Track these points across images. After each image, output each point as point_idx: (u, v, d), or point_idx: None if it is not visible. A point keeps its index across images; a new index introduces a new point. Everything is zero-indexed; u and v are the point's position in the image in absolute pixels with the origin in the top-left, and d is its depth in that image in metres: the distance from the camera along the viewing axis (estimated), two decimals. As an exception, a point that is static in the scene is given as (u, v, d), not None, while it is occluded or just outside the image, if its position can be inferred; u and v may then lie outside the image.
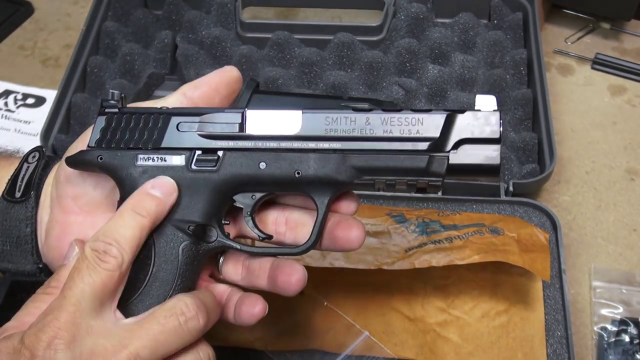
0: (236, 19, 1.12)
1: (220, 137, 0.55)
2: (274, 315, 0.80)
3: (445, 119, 0.54)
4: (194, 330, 0.51)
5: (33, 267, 0.59)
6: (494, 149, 0.54)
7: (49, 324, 0.48)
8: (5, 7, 1.23)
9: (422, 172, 0.54)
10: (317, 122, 0.55)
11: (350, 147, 0.55)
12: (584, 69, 1.12)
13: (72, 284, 0.49)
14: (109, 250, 0.50)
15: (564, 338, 0.79)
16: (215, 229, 0.56)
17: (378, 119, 0.55)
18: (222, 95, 0.58)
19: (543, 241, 0.80)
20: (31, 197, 0.59)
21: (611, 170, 0.99)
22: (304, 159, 0.55)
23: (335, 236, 0.57)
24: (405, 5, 1.10)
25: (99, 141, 0.56)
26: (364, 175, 0.55)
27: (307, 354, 0.79)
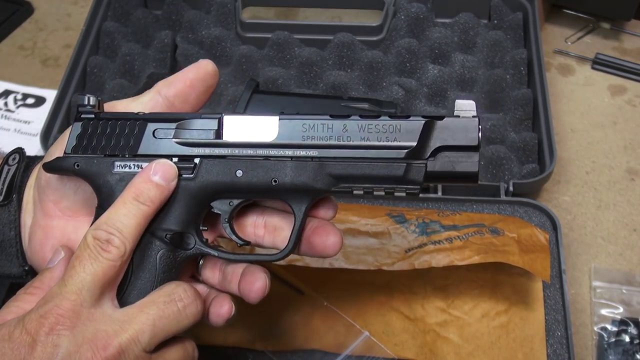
0: (236, 19, 1.12)
1: (197, 144, 0.55)
2: (274, 315, 0.81)
3: (423, 126, 0.53)
4: (192, 316, 0.53)
5: (19, 270, 0.59)
6: (472, 156, 0.53)
7: (51, 311, 0.48)
8: (5, 7, 1.23)
9: (400, 180, 0.54)
10: (294, 129, 0.54)
11: (327, 154, 0.54)
12: (584, 69, 1.12)
13: (73, 273, 0.50)
14: (112, 239, 0.51)
15: (564, 338, 0.79)
16: (192, 236, 0.56)
17: (355, 126, 0.54)
18: (199, 92, 0.58)
19: (543, 241, 0.80)
20: (13, 201, 0.59)
21: (611, 170, 0.99)
22: (280, 167, 0.54)
23: (312, 242, 0.57)
24: (405, 5, 1.10)
25: (75, 148, 0.56)
26: (341, 183, 0.54)
27: (307, 354, 0.79)
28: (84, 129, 0.56)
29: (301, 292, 0.82)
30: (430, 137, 0.53)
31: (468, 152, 0.53)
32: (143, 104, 0.57)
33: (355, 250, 0.79)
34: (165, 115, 0.56)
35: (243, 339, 0.79)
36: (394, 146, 0.53)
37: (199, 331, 0.80)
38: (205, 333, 0.80)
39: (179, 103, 0.57)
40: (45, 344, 0.47)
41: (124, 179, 0.55)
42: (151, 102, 0.57)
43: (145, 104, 0.57)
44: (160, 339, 0.51)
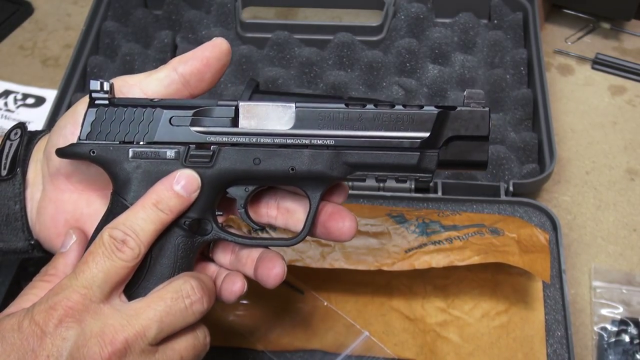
0: (236, 19, 1.12)
1: (214, 132, 0.55)
2: (274, 315, 0.81)
3: (436, 117, 0.55)
4: (198, 313, 0.53)
5: (25, 244, 0.59)
6: (484, 147, 0.55)
7: (60, 303, 0.49)
8: (5, 7, 1.23)
9: (413, 168, 0.55)
10: (310, 117, 0.55)
11: (343, 143, 0.55)
12: (584, 69, 1.12)
13: (85, 268, 0.50)
14: (127, 241, 0.51)
15: (564, 338, 0.79)
16: (210, 222, 0.57)
17: (371, 115, 0.55)
18: (214, 70, 0.58)
19: (543, 242, 0.80)
20: (17, 174, 0.58)
21: (611, 170, 0.99)
22: (297, 155, 0.55)
23: (328, 227, 0.58)
24: (405, 5, 1.10)
25: (90, 134, 0.56)
26: (356, 170, 0.56)
27: (307, 354, 0.79)
28: (99, 115, 0.56)
29: (301, 292, 0.82)
30: (443, 127, 0.55)
31: (479, 141, 0.55)
32: (158, 81, 0.57)
33: (355, 251, 0.79)
34: (181, 103, 0.56)
35: (243, 339, 0.79)
36: (408, 136, 0.55)
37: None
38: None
39: (194, 81, 0.57)
40: (54, 336, 0.48)
41: (141, 166, 0.55)
42: (167, 79, 0.57)
43: (161, 81, 0.57)
44: (167, 333, 0.52)
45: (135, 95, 0.57)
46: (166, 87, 0.57)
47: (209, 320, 0.80)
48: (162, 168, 0.55)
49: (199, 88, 0.58)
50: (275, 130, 0.55)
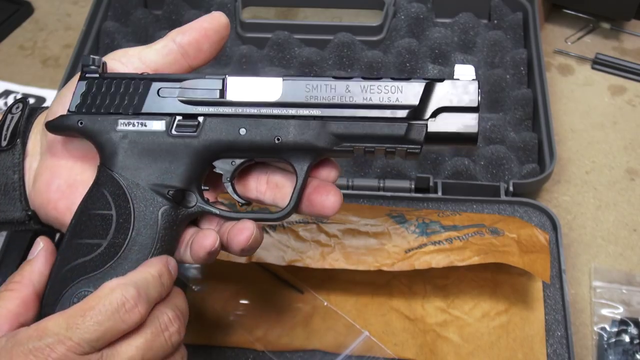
0: (236, 19, 1.12)
1: (201, 102, 0.55)
2: (274, 315, 0.81)
3: (424, 88, 0.54)
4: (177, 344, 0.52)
5: (22, 214, 0.58)
6: (472, 117, 0.54)
7: (42, 350, 0.46)
8: (5, 7, 1.22)
9: (401, 139, 0.55)
10: (297, 89, 0.55)
11: (329, 114, 0.55)
12: (584, 69, 1.12)
13: (80, 322, 0.47)
14: (140, 304, 0.49)
15: (564, 338, 0.79)
16: (194, 194, 0.56)
17: (358, 86, 0.55)
18: (212, 42, 0.58)
19: (543, 242, 0.80)
20: (17, 145, 0.58)
21: (611, 170, 0.99)
22: (283, 126, 0.55)
23: (311, 200, 0.57)
24: (405, 5, 1.10)
25: (80, 106, 0.56)
26: (343, 142, 0.55)
27: (307, 354, 0.79)
28: (89, 87, 0.56)
29: (301, 291, 0.82)
30: (430, 98, 0.54)
31: (468, 113, 0.54)
32: (156, 51, 0.57)
33: (355, 251, 0.79)
34: (170, 76, 0.57)
35: (243, 339, 0.79)
36: (395, 105, 0.54)
37: (199, 331, 0.80)
38: (206, 333, 0.80)
39: (192, 51, 0.57)
40: None
41: (127, 136, 0.55)
42: (164, 49, 0.57)
43: (159, 51, 0.57)
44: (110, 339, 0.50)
45: (134, 64, 0.58)
46: (164, 57, 0.57)
47: (209, 320, 0.80)
48: (149, 138, 0.55)
49: (198, 58, 0.58)
50: (262, 100, 0.55)
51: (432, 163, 0.96)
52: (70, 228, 0.55)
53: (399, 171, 0.94)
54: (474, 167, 0.94)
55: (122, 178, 0.55)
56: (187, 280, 0.83)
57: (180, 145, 0.55)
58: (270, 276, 0.83)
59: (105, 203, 0.54)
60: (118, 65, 0.58)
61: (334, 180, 0.58)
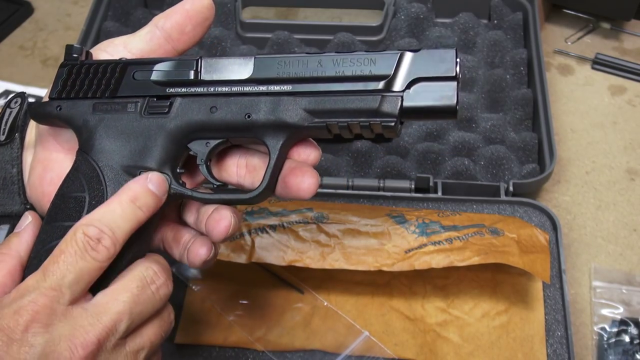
0: (236, 19, 1.12)
1: (173, 83, 0.55)
2: (274, 315, 0.81)
3: (398, 58, 0.52)
4: (165, 297, 0.53)
5: (21, 207, 0.58)
6: (450, 87, 0.51)
7: (26, 307, 0.47)
8: (5, 7, 1.23)
9: (375, 112, 0.52)
10: (269, 66, 0.54)
11: (301, 89, 0.54)
12: (584, 69, 1.12)
13: (55, 268, 0.48)
14: (103, 239, 0.49)
15: (564, 338, 0.79)
16: (167, 176, 0.56)
17: (330, 60, 0.53)
18: (195, 23, 0.57)
19: (543, 242, 0.80)
20: (16, 139, 0.59)
21: (611, 170, 0.99)
22: (254, 103, 0.54)
23: (286, 182, 0.55)
24: (405, 5, 1.10)
25: (60, 92, 0.56)
26: (315, 117, 0.53)
27: (307, 354, 0.79)
28: (68, 73, 0.57)
29: (301, 291, 0.82)
30: (405, 68, 0.52)
31: (445, 82, 0.51)
32: (141, 38, 0.58)
33: (355, 251, 0.79)
34: (146, 60, 0.57)
35: (243, 339, 0.79)
36: (368, 76, 0.52)
37: (199, 331, 0.80)
38: (206, 333, 0.80)
39: (176, 34, 0.57)
40: (21, 343, 0.46)
41: (103, 120, 0.55)
42: (148, 34, 0.57)
43: (143, 37, 0.58)
44: (137, 323, 0.51)
45: (120, 53, 0.58)
46: (148, 43, 0.57)
47: (210, 320, 0.80)
48: (123, 121, 0.55)
49: (181, 41, 0.58)
50: (233, 78, 0.55)
51: (432, 163, 0.96)
52: (47, 213, 0.55)
53: (399, 171, 0.94)
54: (474, 167, 0.94)
55: (97, 161, 0.55)
56: (187, 280, 0.84)
57: (152, 126, 0.55)
58: (270, 276, 0.83)
59: (79, 186, 0.54)
60: (104, 55, 0.58)
61: (314, 161, 0.56)
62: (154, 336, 0.53)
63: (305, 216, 0.82)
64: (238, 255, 0.79)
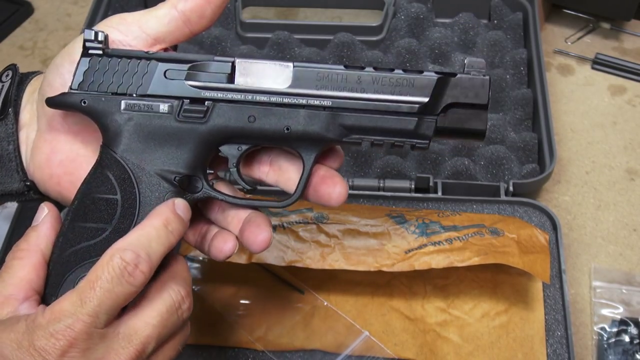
0: (236, 19, 1.12)
1: (210, 87, 0.55)
2: (274, 315, 0.81)
3: (436, 82, 0.54)
4: (187, 318, 0.53)
5: (20, 185, 0.58)
6: (483, 116, 0.55)
7: (63, 332, 0.47)
8: (5, 7, 1.22)
9: (410, 134, 0.55)
10: (308, 78, 0.54)
11: (340, 105, 0.54)
12: (584, 69, 1.12)
13: (92, 295, 0.48)
14: (140, 264, 0.49)
15: (564, 338, 0.79)
16: (200, 179, 0.56)
17: (369, 78, 0.54)
18: (215, 6, 0.56)
19: (543, 242, 0.80)
20: (10, 114, 0.57)
21: (611, 170, 0.99)
22: (293, 115, 0.54)
23: (318, 191, 0.57)
24: (405, 5, 1.10)
25: (82, 84, 0.55)
26: (352, 134, 0.55)
27: (307, 354, 0.79)
28: (92, 65, 0.55)
29: (301, 291, 0.82)
30: (442, 93, 0.54)
31: (478, 110, 0.54)
32: (158, 19, 0.55)
33: (355, 251, 0.79)
34: (177, 56, 0.56)
35: (243, 339, 0.79)
36: (406, 100, 0.54)
37: (199, 331, 0.80)
38: (206, 333, 0.80)
39: (195, 17, 0.56)
40: None
41: (133, 119, 0.54)
42: (166, 17, 0.55)
43: (161, 19, 0.55)
44: (161, 344, 0.52)
45: (134, 33, 0.56)
46: (166, 25, 0.55)
47: (209, 320, 0.80)
48: (155, 122, 0.54)
49: (200, 24, 0.56)
50: (272, 88, 0.54)
51: (432, 163, 0.96)
52: (73, 210, 0.54)
53: (399, 171, 0.94)
54: (474, 167, 0.94)
55: (127, 161, 0.54)
56: (187, 281, 0.83)
57: (187, 130, 0.54)
58: (271, 276, 0.83)
59: (111, 187, 0.54)
60: (116, 34, 0.56)
61: (339, 166, 0.59)
62: (173, 351, 0.54)
63: (305, 216, 0.82)
64: (238, 255, 0.79)
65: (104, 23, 0.57)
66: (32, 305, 0.50)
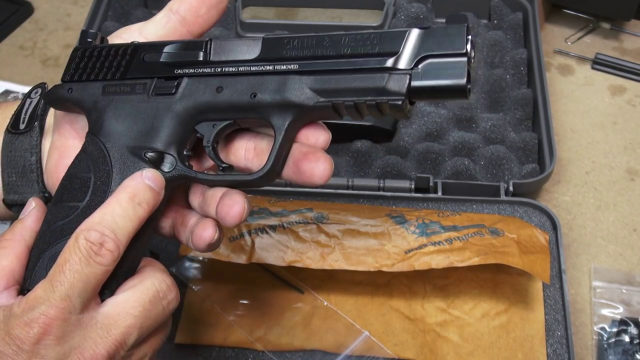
0: (236, 19, 1.12)
1: (182, 64, 0.55)
2: (274, 315, 0.81)
3: (406, 35, 0.50)
4: (172, 311, 0.53)
5: (39, 196, 0.58)
6: (460, 64, 0.49)
7: (37, 319, 0.46)
8: (5, 7, 1.23)
9: (382, 91, 0.50)
10: (276, 46, 0.53)
11: (307, 68, 0.52)
12: (584, 69, 1.12)
13: (62, 278, 0.48)
14: (106, 243, 0.49)
15: (564, 338, 0.79)
16: (173, 156, 0.55)
17: (338, 38, 0.52)
18: (209, 5, 0.57)
19: (543, 242, 0.80)
20: (35, 127, 0.59)
21: (611, 170, 0.99)
22: (261, 82, 0.53)
23: (300, 167, 0.53)
24: (405, 5, 1.10)
25: (72, 75, 0.57)
26: (321, 96, 0.52)
27: (307, 354, 0.79)
28: (81, 57, 0.57)
29: (301, 291, 0.82)
30: (413, 45, 0.50)
31: (455, 59, 0.49)
32: (156, 23, 0.58)
33: (355, 252, 0.79)
34: (156, 43, 0.57)
35: (243, 339, 0.79)
36: (375, 54, 0.51)
37: (199, 331, 0.80)
38: (206, 333, 0.80)
39: (191, 17, 0.57)
40: (30, 354, 0.46)
41: (113, 102, 0.55)
42: (164, 19, 0.58)
43: (158, 22, 0.58)
44: (144, 336, 0.51)
45: (135, 39, 0.58)
46: (164, 27, 0.58)
47: (210, 320, 0.80)
48: (131, 102, 0.55)
49: (196, 24, 0.58)
50: (241, 58, 0.54)
51: (432, 163, 0.96)
52: (55, 193, 0.55)
53: (399, 171, 0.94)
54: (474, 167, 0.94)
55: (105, 142, 0.55)
56: (187, 280, 0.84)
57: (160, 107, 0.55)
58: (270, 276, 0.84)
59: (86, 166, 0.54)
60: (119, 41, 0.59)
61: (324, 144, 0.55)
62: (156, 343, 0.53)
63: (305, 216, 0.82)
64: (238, 255, 0.79)
65: (112, 35, 0.60)
66: (11, 294, 0.50)
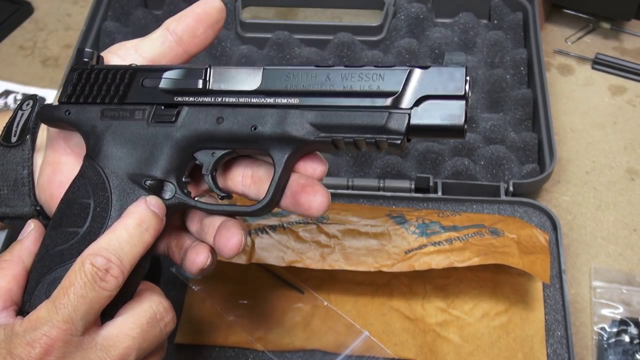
0: (236, 19, 1.12)
1: (182, 92, 0.55)
2: (274, 315, 0.81)
3: (407, 75, 0.51)
4: (169, 333, 0.53)
5: (30, 209, 0.59)
6: (459, 106, 0.50)
7: (39, 340, 0.47)
8: (5, 7, 1.23)
9: (381, 129, 0.51)
10: (277, 78, 0.54)
11: (308, 102, 0.53)
12: (584, 69, 1.12)
13: (65, 301, 0.48)
14: (112, 269, 0.49)
15: (564, 338, 0.79)
16: (172, 185, 0.55)
17: (339, 74, 0.53)
18: (206, 26, 0.57)
19: (543, 242, 0.80)
20: (27, 141, 0.59)
21: (611, 170, 0.99)
22: (261, 115, 0.54)
23: (298, 200, 0.54)
24: (405, 5, 1.10)
25: (69, 96, 0.57)
26: (321, 132, 0.52)
27: (307, 354, 0.79)
28: (78, 78, 0.57)
29: (301, 291, 0.82)
30: (414, 85, 0.51)
31: (454, 101, 0.50)
32: (152, 42, 0.58)
33: (355, 252, 0.79)
34: (155, 67, 0.57)
35: (243, 339, 0.79)
36: (376, 92, 0.51)
37: (199, 331, 0.80)
38: (206, 333, 0.80)
39: (187, 37, 0.57)
40: None
41: (111, 127, 0.55)
42: (160, 38, 0.58)
43: (154, 41, 0.58)
44: (142, 358, 0.51)
45: (131, 57, 0.58)
46: (160, 46, 0.58)
47: (210, 320, 0.80)
48: (131, 128, 0.55)
49: (192, 44, 0.58)
50: (240, 89, 0.54)
51: (432, 163, 0.96)
52: (52, 217, 0.55)
53: (399, 171, 0.94)
54: (474, 167, 0.94)
55: (104, 167, 0.55)
56: (187, 280, 0.84)
57: (159, 135, 0.55)
58: (271, 276, 0.84)
59: (85, 192, 0.54)
60: (115, 58, 0.58)
61: (321, 176, 0.56)
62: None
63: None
64: (238, 255, 0.79)
65: (106, 51, 0.60)
66: (9, 315, 0.51)
